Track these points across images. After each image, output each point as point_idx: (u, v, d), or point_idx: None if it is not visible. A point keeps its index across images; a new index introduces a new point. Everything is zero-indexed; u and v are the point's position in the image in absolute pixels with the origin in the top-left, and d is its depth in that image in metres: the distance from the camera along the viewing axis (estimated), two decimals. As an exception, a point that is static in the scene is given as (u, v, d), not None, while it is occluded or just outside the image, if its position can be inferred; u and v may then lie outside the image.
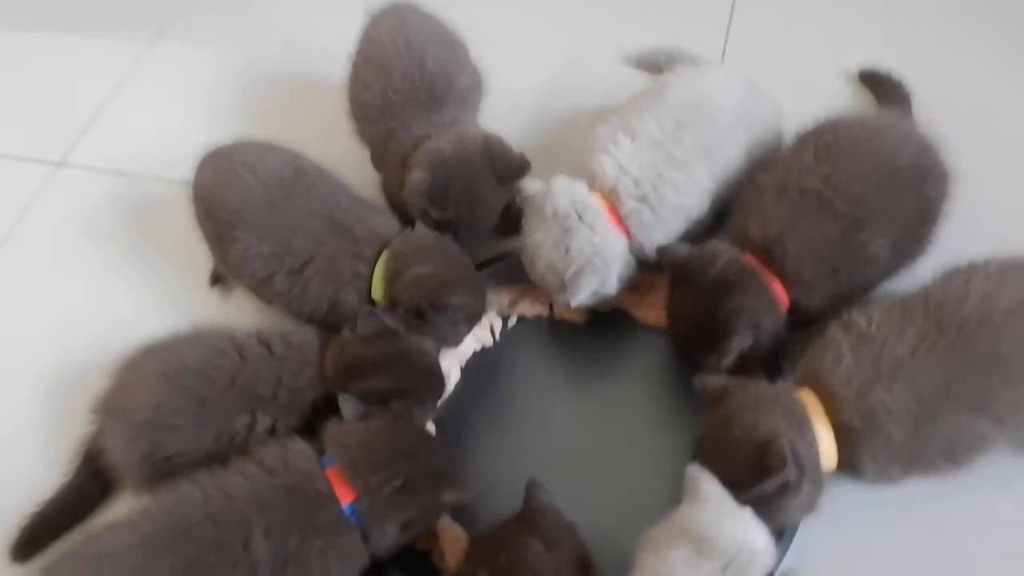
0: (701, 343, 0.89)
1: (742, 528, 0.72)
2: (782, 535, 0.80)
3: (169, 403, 0.90)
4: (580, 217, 0.95)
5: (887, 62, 1.20)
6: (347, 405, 0.87)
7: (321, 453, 0.84)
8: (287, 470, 0.82)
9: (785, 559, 0.81)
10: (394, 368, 0.92)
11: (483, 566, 0.76)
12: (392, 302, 0.97)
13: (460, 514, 0.91)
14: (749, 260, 0.90)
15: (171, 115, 1.40)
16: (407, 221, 1.03)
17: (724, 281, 0.89)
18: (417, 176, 0.99)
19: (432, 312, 0.94)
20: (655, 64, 1.22)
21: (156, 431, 0.89)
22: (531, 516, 0.78)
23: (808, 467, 0.77)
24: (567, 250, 0.95)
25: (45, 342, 1.15)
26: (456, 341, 1.02)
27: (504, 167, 1.02)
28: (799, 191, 0.92)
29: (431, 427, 0.99)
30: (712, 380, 0.84)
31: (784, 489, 0.75)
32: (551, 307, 1.08)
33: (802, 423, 0.79)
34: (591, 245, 0.94)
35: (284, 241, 0.99)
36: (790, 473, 0.74)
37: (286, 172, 1.03)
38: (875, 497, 0.87)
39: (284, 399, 0.91)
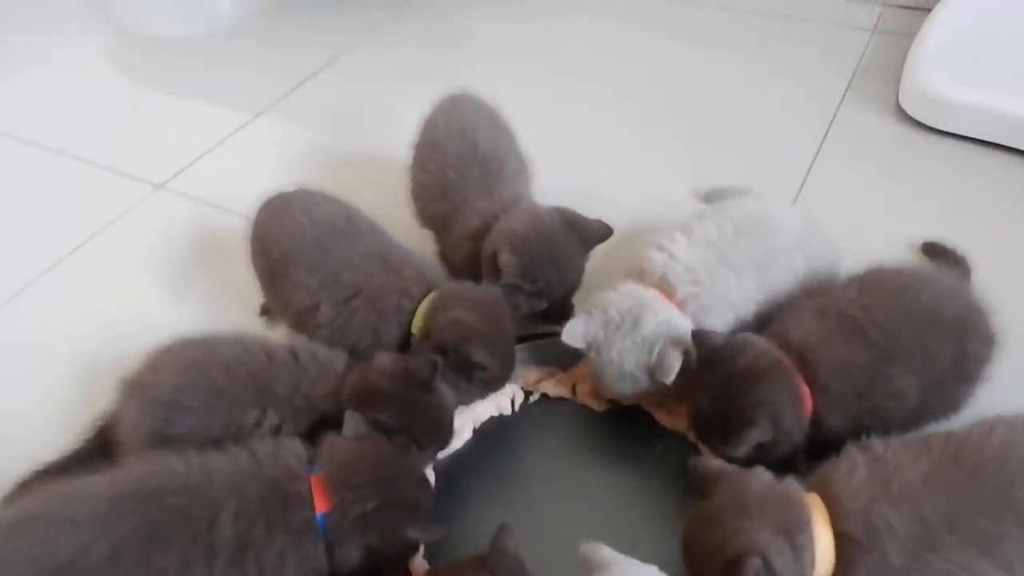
0: (720, 429, 0.88)
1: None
2: None
3: (189, 386, 0.93)
4: (641, 306, 0.97)
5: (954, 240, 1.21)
6: (350, 422, 0.88)
7: (313, 462, 0.84)
8: (275, 464, 0.83)
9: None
10: (406, 408, 0.92)
11: None
12: (425, 335, 0.99)
13: (436, 557, 0.89)
14: (783, 358, 0.90)
15: (262, 167, 1.53)
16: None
17: (753, 371, 0.88)
18: (505, 259, 1.02)
19: (454, 358, 0.96)
20: (723, 198, 1.26)
21: (170, 409, 0.92)
22: (492, 557, 0.76)
23: None
24: (643, 338, 0.95)
25: (96, 339, 1.21)
26: (468, 399, 1.03)
27: (586, 232, 1.08)
28: (838, 314, 0.93)
29: (430, 474, 0.97)
30: (707, 464, 0.82)
31: None
32: (573, 390, 1.07)
33: (796, 527, 0.75)
34: (663, 323, 0.96)
35: (332, 274, 1.04)
36: None
37: (339, 218, 1.10)
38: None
39: (297, 403, 0.93)
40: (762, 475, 0.81)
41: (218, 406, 0.92)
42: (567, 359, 1.07)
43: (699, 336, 0.92)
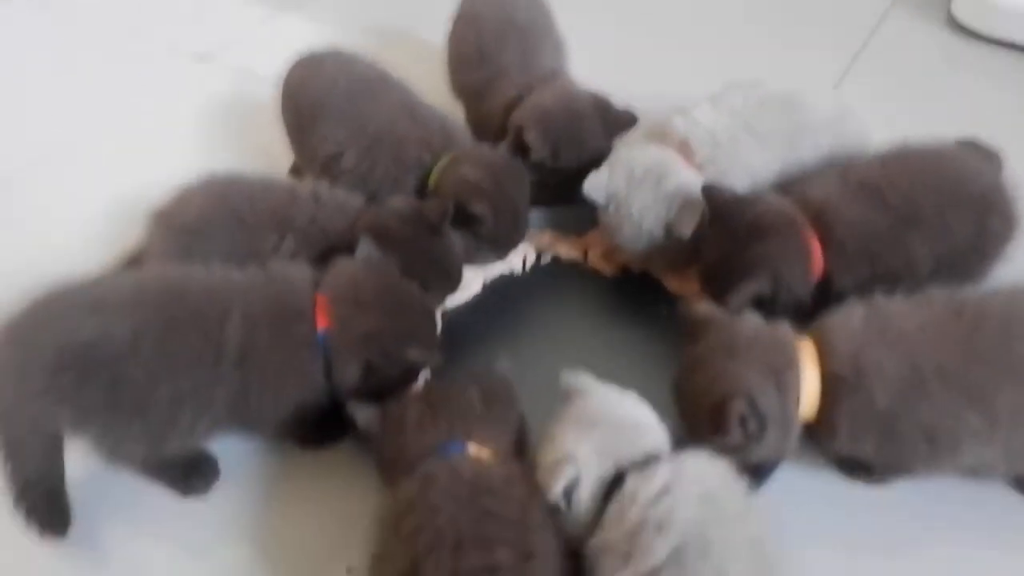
0: (720, 281, 0.88)
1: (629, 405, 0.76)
2: (755, 475, 0.79)
3: (213, 215, 0.97)
4: (664, 164, 0.98)
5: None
6: (363, 246, 0.90)
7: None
8: (284, 280, 0.87)
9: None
10: (413, 248, 0.95)
11: (422, 397, 0.79)
12: (435, 190, 1.02)
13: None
14: (797, 215, 0.90)
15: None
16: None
17: (759, 225, 0.89)
18: (532, 137, 1.03)
19: (457, 213, 0.98)
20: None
21: (193, 236, 0.96)
22: (483, 373, 0.79)
23: (774, 416, 0.76)
24: (664, 194, 0.96)
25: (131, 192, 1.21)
26: (480, 260, 1.05)
27: (614, 120, 1.08)
28: (860, 180, 0.93)
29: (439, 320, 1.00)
30: (697, 308, 0.83)
31: (736, 447, 0.74)
32: (585, 256, 1.09)
33: (783, 366, 0.77)
34: (685, 183, 0.96)
35: (360, 124, 1.06)
36: (736, 436, 0.74)
37: (371, 75, 1.12)
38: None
39: (313, 233, 0.96)
40: (751, 319, 0.81)
41: (239, 234, 0.96)
42: (581, 224, 1.09)
43: (709, 191, 0.92)
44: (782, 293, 0.88)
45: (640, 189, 0.97)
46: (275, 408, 0.84)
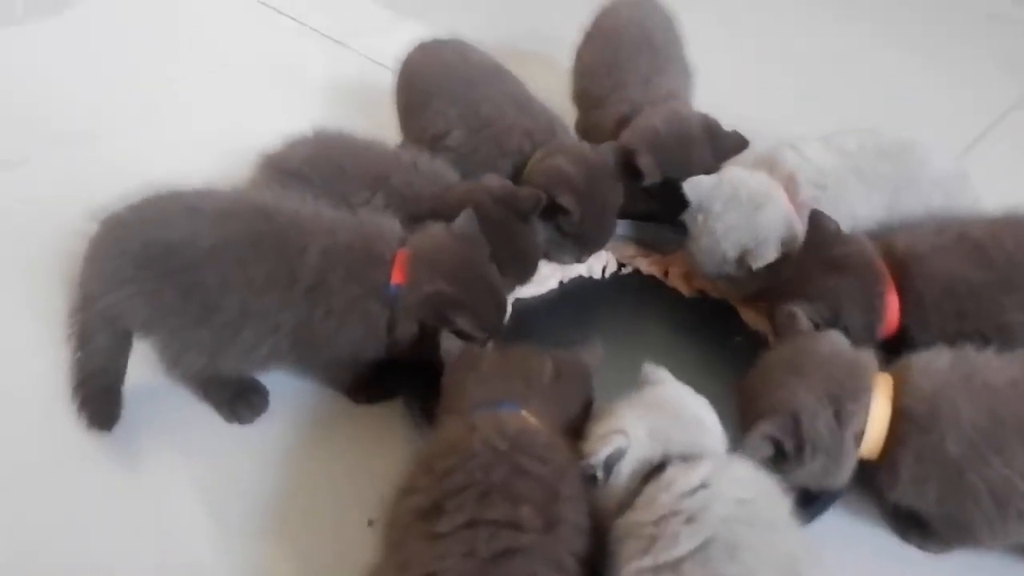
0: (781, 298, 0.86)
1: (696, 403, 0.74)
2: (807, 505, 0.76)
3: (316, 162, 1.01)
4: (769, 196, 0.97)
5: None
6: (463, 218, 0.91)
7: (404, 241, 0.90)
8: (374, 227, 0.89)
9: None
10: (497, 230, 0.95)
11: (502, 353, 0.80)
12: (527, 179, 1.03)
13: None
14: (881, 266, 0.87)
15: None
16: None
17: (841, 262, 0.87)
18: (645, 162, 1.04)
19: (544, 202, 0.99)
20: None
21: (293, 178, 0.99)
22: (568, 353, 0.80)
23: (821, 442, 0.73)
24: (757, 223, 0.96)
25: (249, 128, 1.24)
26: (560, 258, 1.06)
27: (723, 144, 1.08)
28: (960, 233, 0.89)
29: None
30: (794, 313, 0.81)
31: (764, 462, 0.72)
32: (666, 274, 1.08)
33: (850, 394, 0.73)
34: (778, 220, 0.95)
35: (472, 106, 1.10)
36: (759, 452, 0.72)
37: (489, 65, 1.16)
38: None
39: (405, 196, 0.99)
40: (836, 338, 0.79)
41: (337, 183, 0.99)
42: (667, 244, 1.08)
43: (816, 216, 0.91)
44: (843, 330, 0.84)
45: (736, 210, 0.96)
46: (333, 345, 0.86)
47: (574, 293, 1.08)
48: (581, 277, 1.09)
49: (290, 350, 0.86)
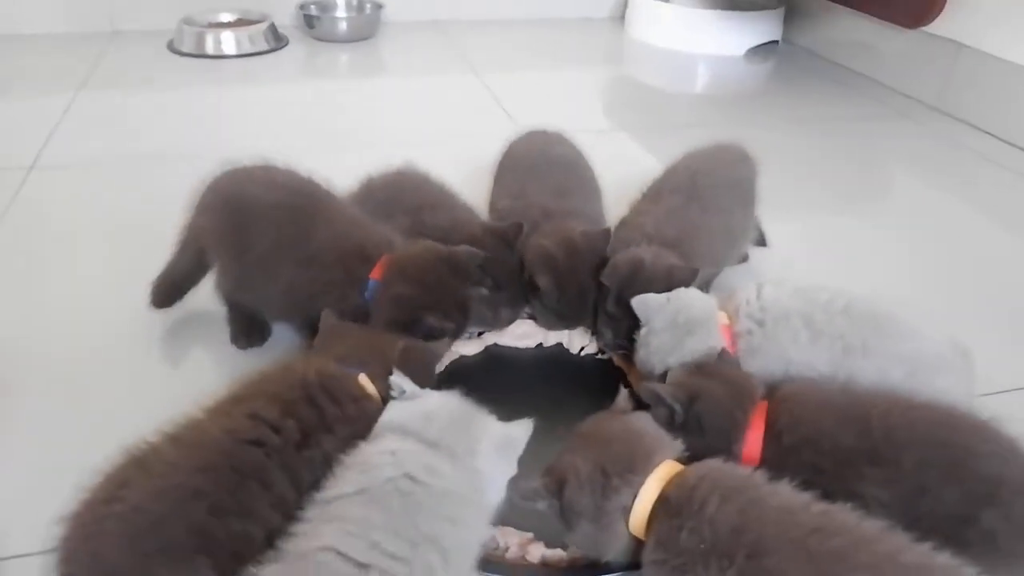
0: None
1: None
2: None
3: (388, 187, 1.28)
4: (704, 325, 1.01)
5: None
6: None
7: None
8: (373, 232, 1.12)
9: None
10: (489, 262, 1.12)
11: (356, 334, 0.99)
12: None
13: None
14: (755, 391, 0.90)
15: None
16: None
17: (719, 373, 0.92)
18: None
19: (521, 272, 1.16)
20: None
21: (372, 195, 1.27)
22: (415, 340, 0.97)
23: (582, 508, 0.77)
24: (683, 347, 1.00)
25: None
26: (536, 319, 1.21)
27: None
28: (858, 401, 0.89)
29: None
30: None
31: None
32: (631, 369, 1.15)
33: (621, 471, 0.77)
34: (706, 347, 0.99)
35: (521, 183, 1.32)
36: (535, 501, 0.79)
37: (563, 157, 1.38)
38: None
39: (430, 225, 1.20)
40: (642, 421, 0.83)
41: (390, 204, 1.25)
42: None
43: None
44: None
45: (670, 331, 1.01)
46: (311, 309, 1.05)
47: (545, 358, 1.20)
48: (559, 346, 1.21)
49: (280, 299, 1.11)
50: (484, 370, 1.17)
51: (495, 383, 1.14)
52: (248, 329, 1.19)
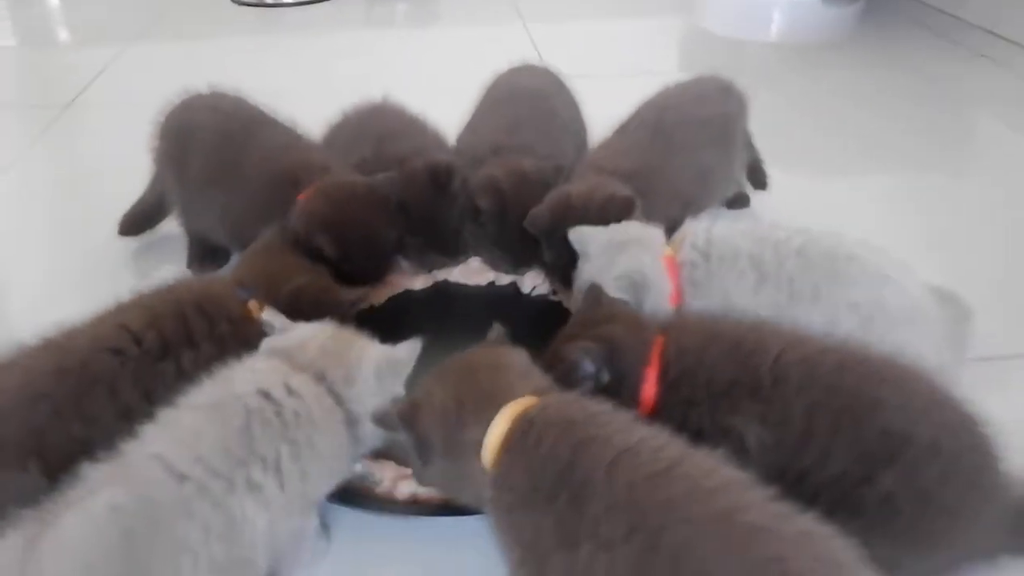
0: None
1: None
2: None
3: (361, 118, 1.25)
4: (638, 243, 0.94)
5: None
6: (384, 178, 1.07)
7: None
8: (308, 157, 1.10)
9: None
10: (419, 201, 1.09)
11: (265, 260, 0.96)
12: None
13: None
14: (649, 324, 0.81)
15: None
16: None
17: (617, 316, 0.83)
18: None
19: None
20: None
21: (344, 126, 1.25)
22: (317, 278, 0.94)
23: (433, 443, 0.71)
24: (614, 264, 0.93)
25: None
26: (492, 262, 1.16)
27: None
28: (737, 329, 0.79)
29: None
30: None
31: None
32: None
33: (474, 404, 0.71)
34: (637, 265, 0.91)
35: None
36: (388, 426, 0.73)
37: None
38: None
39: (388, 158, 1.15)
40: (508, 354, 0.76)
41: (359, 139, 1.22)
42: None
43: (594, 288, 0.87)
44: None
45: (605, 254, 0.93)
46: (249, 228, 1.03)
47: (496, 296, 1.14)
48: (512, 284, 1.14)
49: (220, 224, 1.10)
50: (429, 305, 1.13)
51: (439, 318, 1.09)
52: (202, 255, 1.19)
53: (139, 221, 1.24)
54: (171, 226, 1.22)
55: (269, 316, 0.82)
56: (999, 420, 0.70)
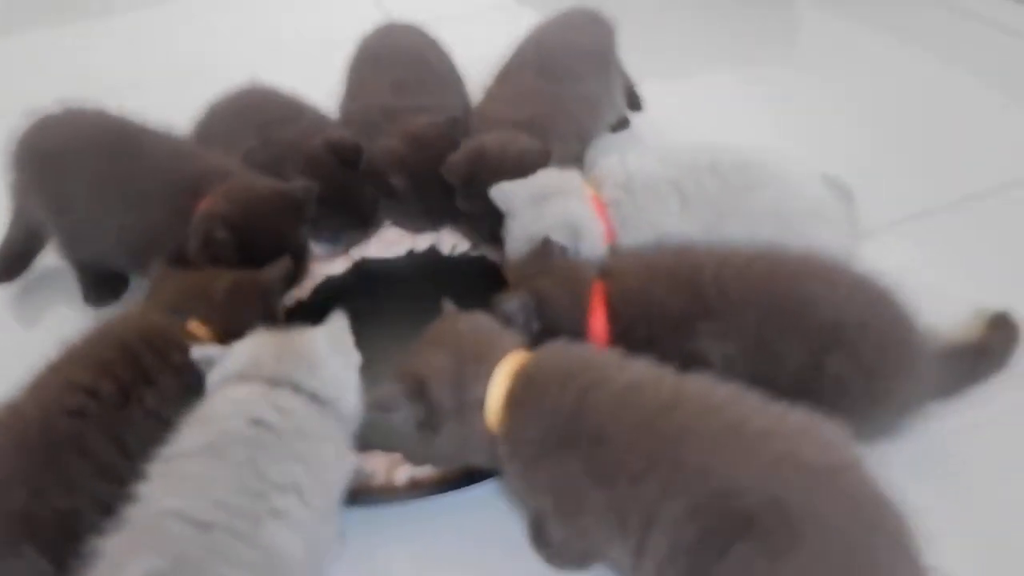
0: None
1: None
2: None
3: (243, 107, 1.19)
4: (561, 191, 0.96)
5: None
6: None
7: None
8: (204, 166, 1.03)
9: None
10: (328, 182, 1.05)
11: (181, 279, 0.91)
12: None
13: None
14: (589, 275, 0.86)
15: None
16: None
17: (555, 269, 0.87)
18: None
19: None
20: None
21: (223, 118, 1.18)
22: (245, 272, 0.91)
23: (445, 407, 0.73)
24: (541, 215, 0.95)
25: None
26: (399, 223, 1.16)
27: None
28: (675, 259, 0.86)
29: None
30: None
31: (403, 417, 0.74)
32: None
33: (475, 360, 0.74)
34: (563, 210, 0.94)
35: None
36: (394, 407, 0.74)
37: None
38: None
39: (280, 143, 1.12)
40: (480, 320, 0.79)
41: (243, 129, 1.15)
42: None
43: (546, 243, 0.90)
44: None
45: (531, 207, 0.96)
46: (155, 249, 0.97)
47: (419, 264, 1.14)
48: (432, 249, 1.15)
49: (116, 249, 1.03)
50: (355, 287, 1.12)
51: (369, 298, 1.09)
52: (98, 285, 1.11)
53: (11, 263, 1.13)
54: (50, 259, 1.13)
55: (197, 354, 0.78)
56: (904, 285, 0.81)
